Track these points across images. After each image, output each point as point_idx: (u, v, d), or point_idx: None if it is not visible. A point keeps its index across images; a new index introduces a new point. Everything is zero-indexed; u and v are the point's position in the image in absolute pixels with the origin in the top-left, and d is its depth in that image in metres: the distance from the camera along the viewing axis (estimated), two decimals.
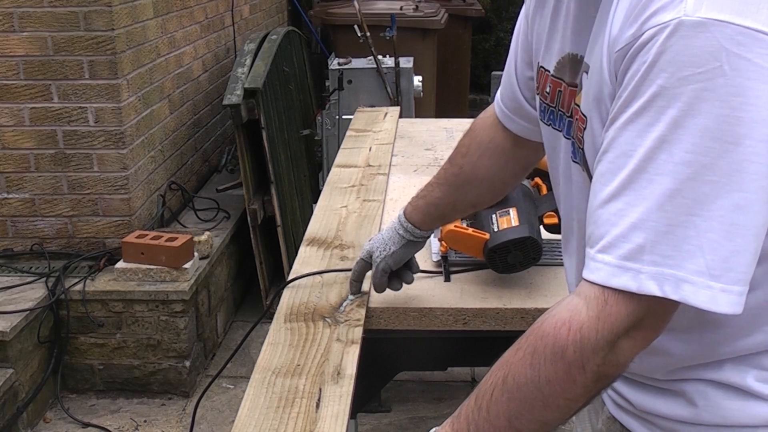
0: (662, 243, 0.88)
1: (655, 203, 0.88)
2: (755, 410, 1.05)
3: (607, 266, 0.91)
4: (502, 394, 0.97)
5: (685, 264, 0.88)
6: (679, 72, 0.86)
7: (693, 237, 0.88)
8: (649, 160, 0.89)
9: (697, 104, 0.86)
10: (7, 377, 2.95)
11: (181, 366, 3.40)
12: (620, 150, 0.92)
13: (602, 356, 0.92)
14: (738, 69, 0.85)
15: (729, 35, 0.85)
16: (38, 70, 3.32)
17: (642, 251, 0.89)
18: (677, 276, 0.88)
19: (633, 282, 0.90)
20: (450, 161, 1.54)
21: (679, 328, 1.02)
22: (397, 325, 1.69)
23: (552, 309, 0.97)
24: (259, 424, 1.29)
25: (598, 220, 0.93)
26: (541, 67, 1.20)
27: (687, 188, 0.87)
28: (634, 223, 0.90)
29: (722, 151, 0.86)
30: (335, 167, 2.65)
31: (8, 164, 3.43)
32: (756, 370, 1.05)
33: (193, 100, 4.36)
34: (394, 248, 1.59)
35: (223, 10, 4.94)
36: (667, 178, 0.88)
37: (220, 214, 4.06)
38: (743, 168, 0.86)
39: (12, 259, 3.48)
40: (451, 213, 1.60)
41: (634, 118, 0.90)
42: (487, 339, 1.73)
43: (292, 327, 1.59)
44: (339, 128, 4.55)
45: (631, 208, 0.90)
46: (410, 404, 3.32)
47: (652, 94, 0.88)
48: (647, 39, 0.89)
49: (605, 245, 0.92)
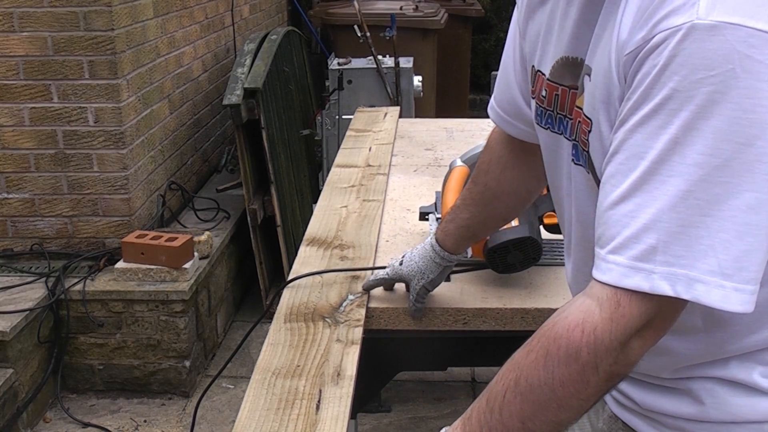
0: (674, 243, 0.89)
1: (668, 204, 0.89)
2: (762, 406, 1.06)
3: (619, 267, 0.92)
4: (515, 396, 0.98)
5: (697, 264, 0.89)
6: (691, 75, 0.87)
7: (705, 237, 0.88)
8: (662, 161, 0.89)
9: (710, 106, 0.87)
10: (7, 377, 2.94)
11: (181, 366, 3.40)
12: (631, 152, 0.92)
13: (615, 356, 0.93)
14: (750, 71, 0.86)
15: (741, 38, 0.86)
16: (38, 70, 3.32)
17: (654, 252, 0.90)
18: (690, 276, 0.89)
19: (645, 282, 0.90)
20: (473, 181, 1.54)
21: (686, 328, 1.03)
22: (397, 325, 1.69)
23: (563, 310, 0.98)
24: (259, 426, 1.29)
25: (609, 221, 0.94)
26: (538, 71, 1.20)
27: (699, 189, 0.88)
28: (646, 224, 0.90)
29: (734, 152, 0.87)
30: (335, 167, 2.65)
31: (8, 164, 3.43)
32: (762, 366, 1.06)
33: (193, 100, 4.36)
34: (432, 276, 1.61)
35: (223, 10, 4.93)
36: (679, 179, 0.88)
37: (220, 214, 4.06)
38: (755, 168, 0.87)
39: (12, 259, 3.48)
40: (482, 231, 1.61)
41: (646, 120, 0.91)
42: (487, 339, 1.73)
43: (292, 327, 1.59)
44: (339, 128, 4.55)
45: (643, 209, 0.91)
46: (410, 404, 3.32)
47: (665, 96, 0.89)
48: (658, 42, 0.90)
49: (616, 246, 0.92)
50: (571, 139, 1.11)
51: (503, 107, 1.43)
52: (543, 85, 1.17)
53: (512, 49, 1.36)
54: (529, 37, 1.24)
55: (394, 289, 1.73)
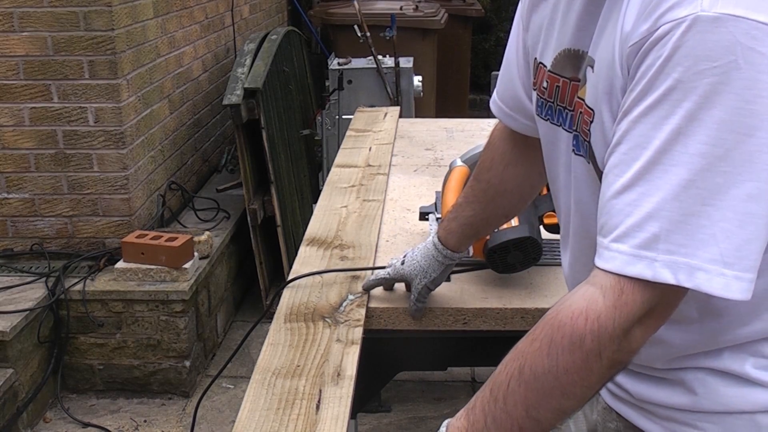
0: (676, 232, 0.90)
1: (670, 193, 0.90)
2: (753, 396, 1.08)
3: (622, 255, 0.93)
4: (519, 384, 0.98)
5: (699, 252, 0.90)
6: (695, 66, 0.89)
7: (707, 226, 0.90)
8: (665, 151, 0.91)
9: (713, 97, 0.88)
10: (7, 377, 2.95)
11: (181, 366, 3.40)
12: (634, 142, 0.94)
13: (618, 344, 0.94)
14: (752, 63, 0.87)
15: (744, 30, 0.88)
16: (38, 70, 3.32)
17: (657, 240, 0.91)
18: (691, 264, 0.90)
19: (648, 270, 0.91)
20: (475, 178, 1.54)
21: (681, 318, 1.04)
22: (397, 325, 1.69)
23: (566, 299, 0.99)
24: (259, 426, 1.29)
25: (612, 210, 0.95)
26: (540, 62, 1.22)
27: (701, 179, 0.89)
28: (649, 212, 0.92)
29: (735, 143, 0.89)
30: (335, 167, 2.65)
31: (8, 164, 3.43)
32: (754, 357, 1.07)
33: (193, 100, 4.36)
34: (434, 275, 1.60)
35: (223, 10, 4.93)
36: (682, 169, 0.90)
37: (220, 214, 4.06)
38: (755, 158, 0.89)
39: (12, 259, 3.48)
40: (485, 228, 1.61)
41: (649, 111, 0.92)
42: (487, 339, 1.73)
43: (292, 327, 1.59)
44: (339, 128, 4.55)
45: (646, 198, 0.92)
46: (410, 404, 3.32)
47: (668, 87, 0.91)
48: (663, 34, 0.91)
49: (619, 235, 0.93)
50: (570, 131, 1.13)
51: (506, 101, 1.43)
52: (544, 76, 1.19)
53: (515, 43, 1.37)
54: (532, 29, 1.26)
55: (394, 289, 1.73)
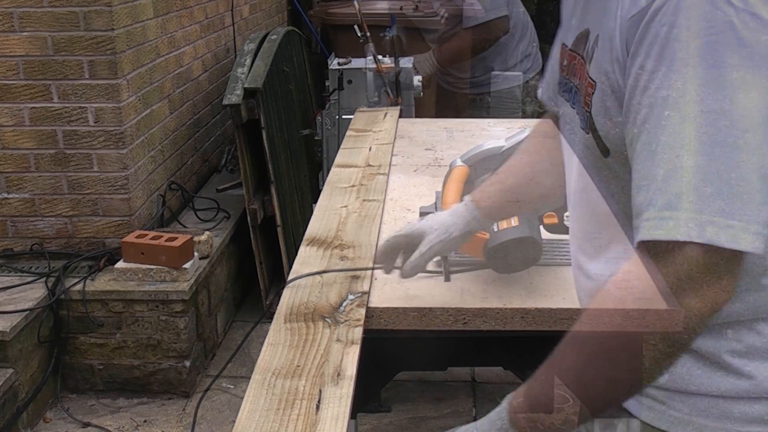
0: (719, 197, 0.98)
1: (693, 164, 0.98)
2: (724, 382, 1.11)
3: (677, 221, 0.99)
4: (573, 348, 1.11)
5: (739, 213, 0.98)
6: (696, 30, 0.97)
7: (740, 185, 0.98)
8: (683, 120, 0.98)
9: (716, 56, 0.96)
10: (7, 377, 2.94)
11: (181, 366, 3.40)
12: (649, 112, 1.00)
13: None
14: (746, 23, 0.96)
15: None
16: (38, 70, 3.32)
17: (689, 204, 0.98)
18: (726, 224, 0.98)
19: (695, 231, 0.98)
20: (522, 152, 1.57)
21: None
22: (397, 325, 1.69)
23: (611, 275, 1.07)
24: (259, 426, 1.29)
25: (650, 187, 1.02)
26: (563, 43, 1.29)
27: (716, 135, 0.97)
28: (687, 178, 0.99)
29: (735, 99, 0.96)
30: (335, 167, 2.65)
31: (8, 164, 3.43)
32: (730, 341, 1.11)
33: (193, 100, 4.36)
34: (456, 233, 1.51)
35: (223, 10, 4.93)
36: (698, 141, 0.98)
37: (220, 214, 4.06)
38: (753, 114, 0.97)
39: (12, 259, 3.48)
40: (526, 198, 1.56)
41: (657, 79, 0.99)
42: (487, 339, 1.73)
43: (292, 327, 1.59)
44: (339, 128, 4.54)
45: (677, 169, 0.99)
46: (410, 404, 3.32)
47: (672, 56, 0.98)
48: (661, 4, 0.99)
49: (667, 203, 1.00)
50: (574, 106, 1.19)
51: (551, 86, 1.48)
52: (565, 55, 1.27)
53: (560, 32, 1.43)
54: (563, 12, 1.33)
55: (391, 271, 1.69)
